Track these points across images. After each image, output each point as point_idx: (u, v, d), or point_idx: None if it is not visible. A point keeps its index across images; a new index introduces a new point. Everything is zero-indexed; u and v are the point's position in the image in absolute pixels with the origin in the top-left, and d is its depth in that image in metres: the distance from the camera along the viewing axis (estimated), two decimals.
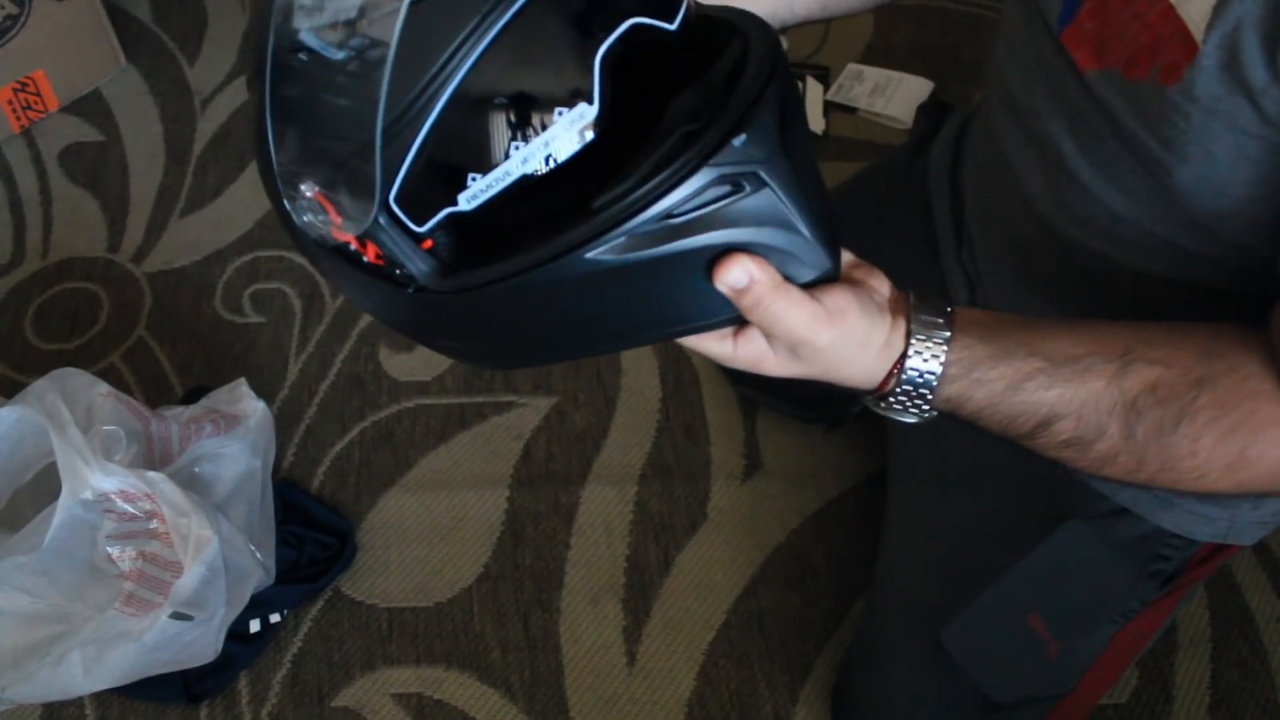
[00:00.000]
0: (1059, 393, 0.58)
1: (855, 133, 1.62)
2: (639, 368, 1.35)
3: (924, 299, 0.58)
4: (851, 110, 1.64)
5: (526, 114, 0.48)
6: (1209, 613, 1.16)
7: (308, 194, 0.50)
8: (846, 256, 0.58)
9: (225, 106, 1.65)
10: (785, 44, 1.71)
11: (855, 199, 1.08)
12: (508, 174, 0.49)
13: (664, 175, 0.48)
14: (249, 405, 1.14)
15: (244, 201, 1.53)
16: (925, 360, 0.57)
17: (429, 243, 0.51)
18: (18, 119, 1.60)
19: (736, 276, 0.50)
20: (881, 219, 1.00)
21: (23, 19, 1.52)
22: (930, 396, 0.58)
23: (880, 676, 0.98)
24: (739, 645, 1.15)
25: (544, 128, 0.48)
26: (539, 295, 0.51)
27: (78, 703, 1.10)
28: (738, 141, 0.48)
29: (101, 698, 1.10)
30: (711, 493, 1.25)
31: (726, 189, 0.49)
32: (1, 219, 1.52)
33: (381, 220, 0.49)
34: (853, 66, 1.69)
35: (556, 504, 1.24)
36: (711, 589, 1.18)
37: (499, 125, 0.48)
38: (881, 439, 1.17)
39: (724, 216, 0.49)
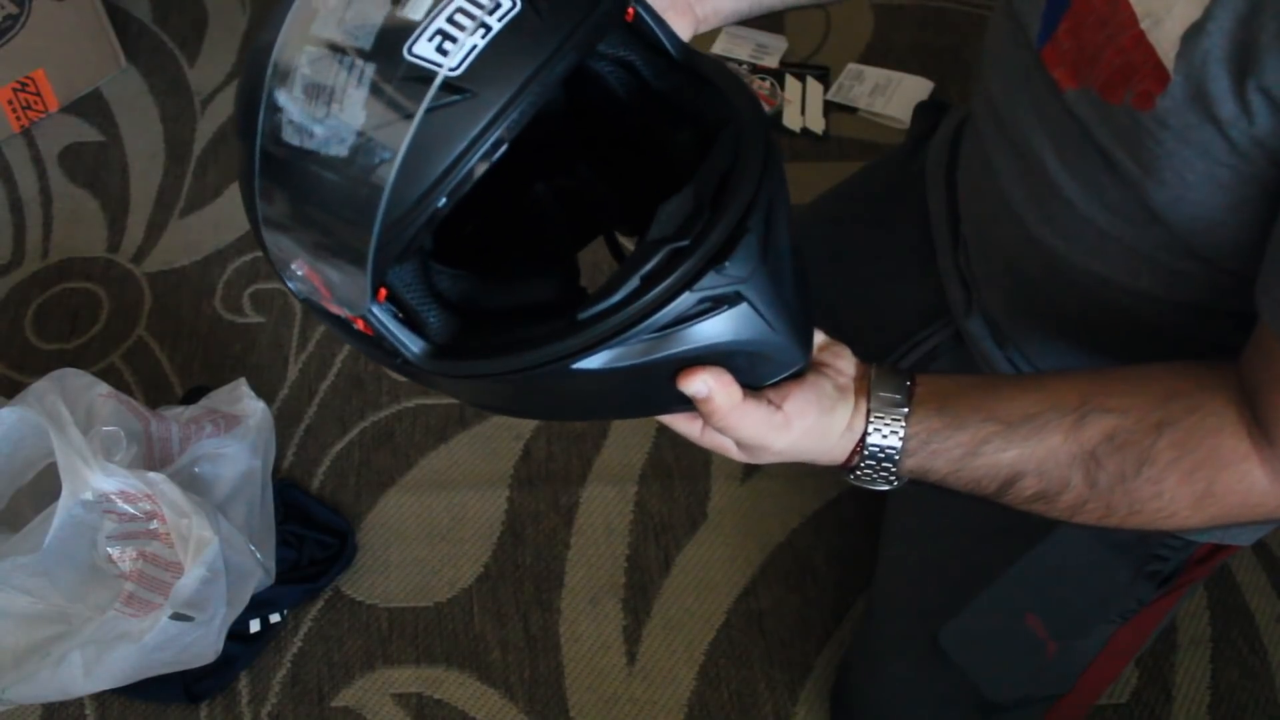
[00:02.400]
0: (1017, 453, 0.59)
1: (855, 133, 1.62)
2: None
3: (885, 373, 0.60)
4: (851, 110, 1.64)
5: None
6: (1209, 613, 1.16)
7: (298, 271, 0.51)
8: (817, 337, 0.60)
9: (225, 106, 1.65)
10: (785, 44, 1.71)
11: (854, 199, 1.07)
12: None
13: (648, 299, 0.49)
14: (249, 405, 1.14)
15: None
16: (885, 436, 0.59)
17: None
18: (18, 119, 1.60)
19: (697, 389, 0.53)
20: (879, 220, 1.00)
21: (23, 19, 1.52)
22: (895, 469, 0.60)
23: (879, 676, 0.98)
24: (739, 645, 1.15)
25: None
26: (521, 387, 0.53)
27: (78, 702, 1.10)
28: (721, 269, 0.50)
29: (101, 698, 1.10)
30: (711, 493, 1.25)
31: (707, 305, 0.51)
32: (1, 219, 1.52)
33: (373, 308, 0.51)
34: (853, 66, 1.69)
35: (556, 504, 1.24)
36: (711, 589, 1.18)
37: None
38: None
39: (703, 331, 0.51)
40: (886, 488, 0.62)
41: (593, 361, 0.51)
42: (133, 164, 1.58)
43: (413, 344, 0.53)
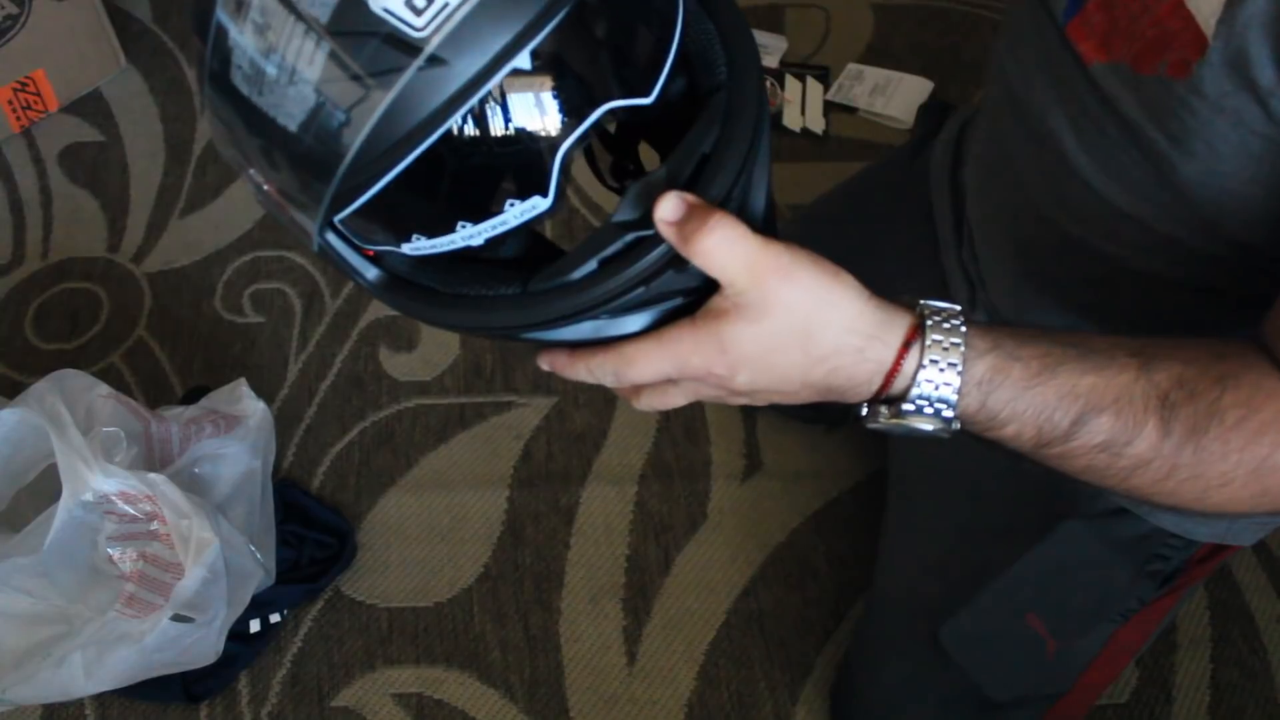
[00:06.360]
0: (1092, 381, 0.54)
1: (855, 133, 1.62)
2: None
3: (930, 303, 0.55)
4: (851, 110, 1.64)
5: (481, 197, 0.48)
6: (1209, 613, 1.16)
7: (264, 187, 0.50)
8: None
9: None
10: (785, 44, 1.71)
11: (855, 199, 1.08)
12: (451, 243, 0.50)
13: (604, 289, 0.49)
14: (249, 405, 1.14)
15: (244, 201, 1.53)
16: (946, 328, 0.52)
17: (372, 252, 0.53)
18: (18, 119, 1.60)
19: (669, 210, 0.48)
20: (882, 219, 1.01)
21: (23, 19, 1.52)
22: (959, 379, 0.52)
23: (879, 675, 0.98)
24: (739, 645, 1.15)
25: (497, 211, 0.48)
26: (471, 332, 0.55)
27: (78, 703, 1.10)
28: (682, 270, 0.50)
29: (102, 698, 1.10)
30: (711, 493, 1.25)
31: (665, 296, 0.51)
32: (1, 219, 1.52)
33: (328, 236, 0.51)
34: (853, 66, 1.69)
35: (556, 504, 1.24)
36: (711, 589, 1.18)
37: (452, 200, 0.48)
38: (881, 439, 1.17)
39: (658, 320, 0.52)
40: (932, 427, 0.54)
41: (542, 335, 0.52)
42: (133, 164, 1.58)
43: (368, 272, 0.53)
